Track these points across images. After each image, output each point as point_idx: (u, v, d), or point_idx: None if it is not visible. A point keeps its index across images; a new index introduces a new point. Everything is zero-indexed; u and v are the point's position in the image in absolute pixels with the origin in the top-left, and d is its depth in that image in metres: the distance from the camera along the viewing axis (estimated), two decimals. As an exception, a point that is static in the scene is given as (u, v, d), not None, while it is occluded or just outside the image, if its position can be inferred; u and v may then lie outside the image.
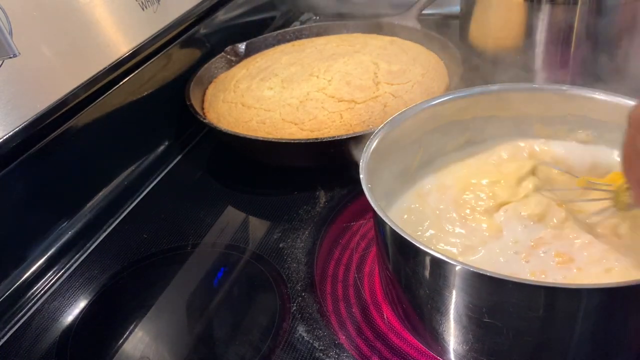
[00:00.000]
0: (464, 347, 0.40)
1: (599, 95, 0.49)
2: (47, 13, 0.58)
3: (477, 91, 0.52)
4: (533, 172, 0.50)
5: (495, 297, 0.36)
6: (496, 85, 0.52)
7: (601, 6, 0.65)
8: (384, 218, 0.38)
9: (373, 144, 0.46)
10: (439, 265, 0.37)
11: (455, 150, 0.54)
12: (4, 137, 0.53)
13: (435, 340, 0.42)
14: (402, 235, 0.37)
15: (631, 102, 0.46)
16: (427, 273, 0.38)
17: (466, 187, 0.50)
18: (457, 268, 0.36)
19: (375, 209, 0.39)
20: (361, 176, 0.42)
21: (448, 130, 0.53)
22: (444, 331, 0.40)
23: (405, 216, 0.49)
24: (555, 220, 0.45)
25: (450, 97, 0.52)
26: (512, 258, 0.43)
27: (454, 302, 0.38)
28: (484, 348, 0.39)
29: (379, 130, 0.48)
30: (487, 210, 0.48)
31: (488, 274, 0.34)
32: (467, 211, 0.48)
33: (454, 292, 0.37)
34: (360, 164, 0.44)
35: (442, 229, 0.47)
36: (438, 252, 0.36)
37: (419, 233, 0.47)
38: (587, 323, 0.35)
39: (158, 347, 0.48)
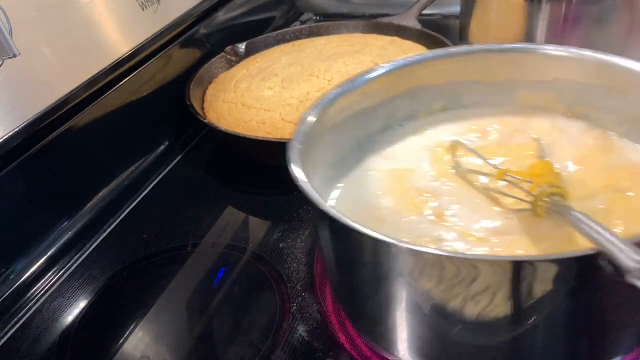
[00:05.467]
0: (415, 339, 0.38)
1: (606, 57, 0.44)
2: (47, 13, 0.58)
3: (454, 51, 0.48)
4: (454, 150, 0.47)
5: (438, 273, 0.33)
6: (476, 46, 0.50)
7: (602, 5, 0.65)
8: (309, 192, 0.35)
9: (320, 106, 0.43)
10: (382, 249, 0.33)
11: (429, 117, 0.51)
12: (4, 137, 0.53)
13: (384, 335, 0.39)
14: (333, 215, 0.33)
15: None
16: (369, 258, 0.35)
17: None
18: (404, 247, 0.32)
19: (300, 184, 0.36)
20: (292, 142, 0.39)
21: (419, 96, 0.50)
22: (393, 323, 0.37)
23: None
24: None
25: (423, 57, 0.48)
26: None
27: (401, 287, 0.35)
28: (434, 337, 0.37)
29: (335, 91, 0.44)
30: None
31: (433, 252, 0.32)
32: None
33: (400, 277, 0.34)
34: (297, 128, 0.40)
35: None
36: (377, 233, 0.32)
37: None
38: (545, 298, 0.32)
39: (158, 347, 0.48)
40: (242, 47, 0.83)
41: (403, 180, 0.47)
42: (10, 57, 0.51)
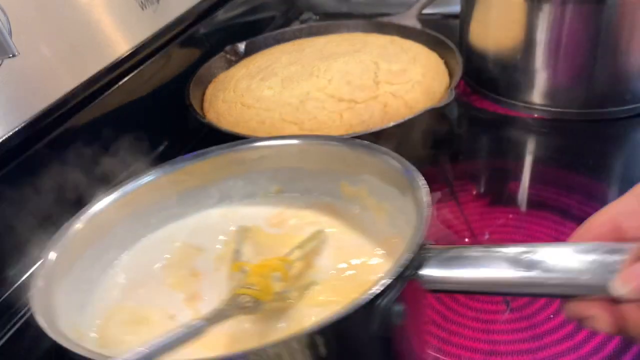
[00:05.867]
0: None
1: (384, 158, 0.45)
2: (47, 13, 0.58)
3: (280, 142, 0.51)
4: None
5: None
6: (304, 138, 0.51)
7: (603, 5, 0.65)
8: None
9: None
10: None
11: (265, 198, 0.53)
12: (4, 137, 0.53)
13: None
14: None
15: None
16: None
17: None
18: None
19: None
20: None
21: (254, 179, 0.52)
22: None
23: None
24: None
25: (250, 144, 0.51)
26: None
27: None
28: None
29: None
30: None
31: None
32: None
33: None
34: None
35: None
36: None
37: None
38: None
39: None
40: (242, 46, 0.83)
41: (188, 257, 0.48)
42: (10, 57, 0.51)
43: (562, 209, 0.58)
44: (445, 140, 0.73)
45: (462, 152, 0.71)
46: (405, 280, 0.34)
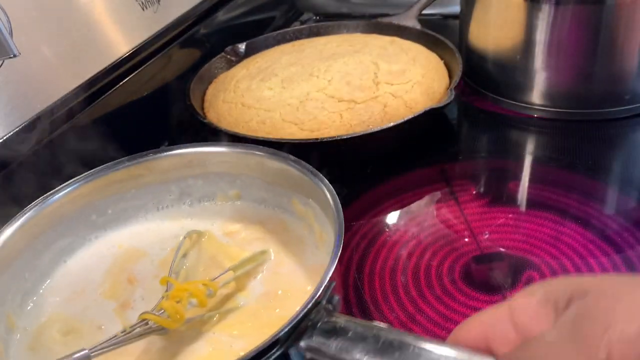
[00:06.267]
0: None
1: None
2: (47, 13, 0.58)
3: (238, 149, 0.52)
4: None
5: None
6: (268, 152, 0.51)
7: (602, 5, 0.65)
8: None
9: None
10: None
11: (224, 201, 0.54)
12: (4, 138, 0.53)
13: None
14: None
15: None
16: None
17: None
18: None
19: None
20: None
21: (214, 181, 0.53)
22: None
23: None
24: None
25: (213, 148, 0.52)
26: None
27: None
28: None
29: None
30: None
31: None
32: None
33: None
34: None
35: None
36: None
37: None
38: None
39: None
40: (242, 47, 0.83)
41: (130, 261, 0.49)
42: (11, 57, 0.51)
43: (561, 208, 0.59)
44: (445, 140, 0.74)
45: (462, 152, 0.71)
46: (284, 346, 0.34)
